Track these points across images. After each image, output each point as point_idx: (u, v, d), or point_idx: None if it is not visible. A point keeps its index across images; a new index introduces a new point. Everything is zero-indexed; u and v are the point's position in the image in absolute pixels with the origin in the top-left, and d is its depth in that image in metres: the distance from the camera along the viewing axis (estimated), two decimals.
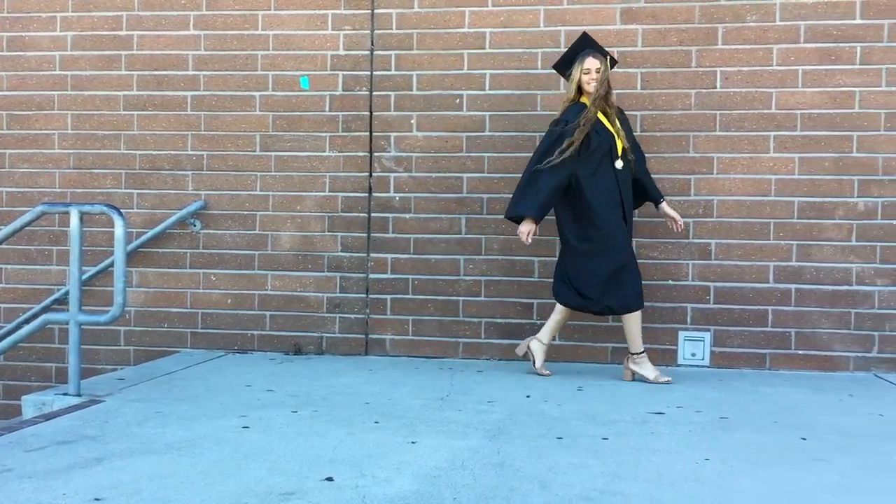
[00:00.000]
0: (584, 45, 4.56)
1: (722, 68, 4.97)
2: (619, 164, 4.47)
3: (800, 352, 4.92)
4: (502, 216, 5.16)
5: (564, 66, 4.62)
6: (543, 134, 4.61)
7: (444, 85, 5.23)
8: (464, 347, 5.23)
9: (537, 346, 4.67)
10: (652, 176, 4.72)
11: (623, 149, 4.48)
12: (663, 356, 5.02)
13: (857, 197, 4.86)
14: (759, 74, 4.94)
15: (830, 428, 3.55)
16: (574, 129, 4.40)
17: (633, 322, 4.48)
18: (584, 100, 4.52)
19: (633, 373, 4.55)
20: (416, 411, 3.77)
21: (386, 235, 5.29)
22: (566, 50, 4.67)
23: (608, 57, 4.57)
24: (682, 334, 5.04)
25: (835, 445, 3.27)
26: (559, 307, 4.62)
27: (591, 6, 5.08)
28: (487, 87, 5.20)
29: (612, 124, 4.49)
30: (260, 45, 5.37)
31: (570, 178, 4.45)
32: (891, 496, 2.64)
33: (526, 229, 4.48)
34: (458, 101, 5.22)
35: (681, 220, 4.61)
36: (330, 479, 2.74)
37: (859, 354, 4.88)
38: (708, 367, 5.00)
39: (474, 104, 5.21)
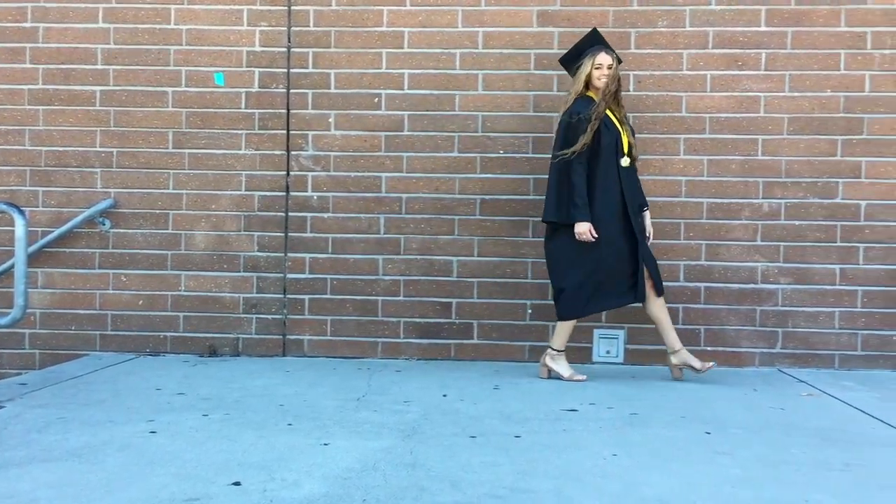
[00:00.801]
0: (595, 41, 4.58)
1: (635, 72, 5.08)
2: (624, 161, 4.50)
3: (708, 348, 5.06)
4: (420, 216, 5.18)
5: (572, 60, 4.62)
6: (558, 125, 4.60)
7: (362, 84, 5.20)
8: (382, 347, 5.21)
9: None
10: None
11: (629, 145, 4.52)
12: (579, 354, 5.10)
13: (762, 198, 5.03)
14: (670, 79, 5.07)
15: (735, 422, 3.66)
16: (585, 125, 4.40)
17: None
18: (590, 94, 4.52)
19: (550, 370, 4.60)
20: (330, 412, 3.73)
21: (304, 235, 5.23)
22: (574, 45, 4.66)
23: (616, 54, 4.59)
24: (597, 332, 5.13)
25: (738, 439, 3.37)
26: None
27: (509, 8, 5.13)
28: (406, 87, 5.19)
29: (621, 122, 4.53)
30: (172, 40, 5.24)
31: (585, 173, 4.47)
32: (788, 488, 2.74)
33: (587, 228, 4.41)
34: (376, 100, 5.20)
35: (650, 237, 4.67)
36: (237, 483, 2.69)
37: (764, 350, 5.06)
38: (622, 364, 5.11)
39: (393, 103, 5.19)
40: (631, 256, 4.47)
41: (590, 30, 4.66)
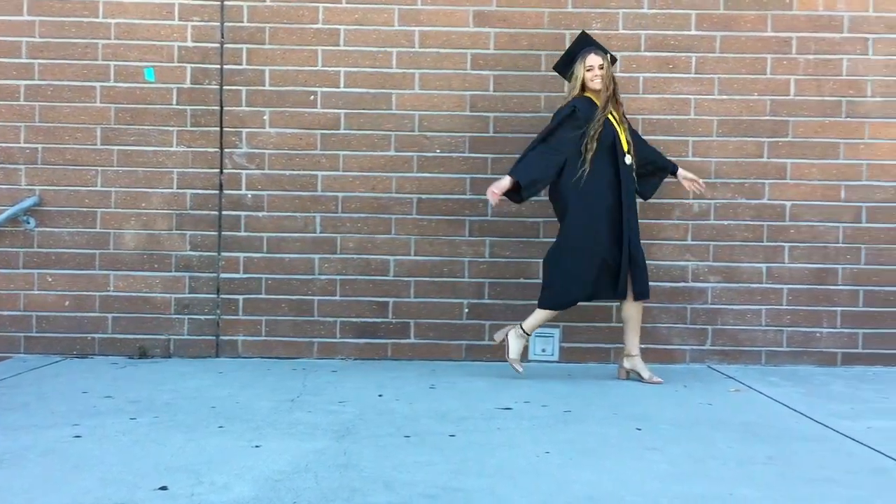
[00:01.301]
0: (584, 44, 4.59)
1: None
2: (627, 159, 4.50)
3: (641, 346, 5.13)
4: (357, 215, 5.15)
5: (565, 66, 4.63)
6: (555, 114, 4.61)
7: (297, 81, 5.14)
8: (318, 347, 5.17)
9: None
10: None
11: (627, 144, 4.51)
12: None
13: (693, 199, 5.13)
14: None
15: (665, 418, 3.73)
16: (584, 123, 4.42)
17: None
18: (588, 94, 4.52)
19: (503, 341, 4.67)
20: (263, 414, 3.69)
21: (238, 234, 5.15)
22: (565, 50, 4.68)
23: (609, 55, 4.60)
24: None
25: (668, 435, 3.44)
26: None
27: (445, 7, 5.13)
28: (342, 85, 5.15)
29: (619, 121, 4.52)
30: (101, 34, 5.10)
31: (563, 163, 4.46)
32: (714, 482, 2.80)
33: (494, 187, 4.48)
34: (312, 97, 5.15)
35: (700, 180, 4.72)
36: (164, 488, 2.63)
37: (694, 347, 5.17)
38: (557, 362, 5.16)
39: (329, 101, 5.15)
40: (618, 256, 4.46)
41: (580, 34, 4.70)
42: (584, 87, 4.52)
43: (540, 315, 4.61)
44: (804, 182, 5.15)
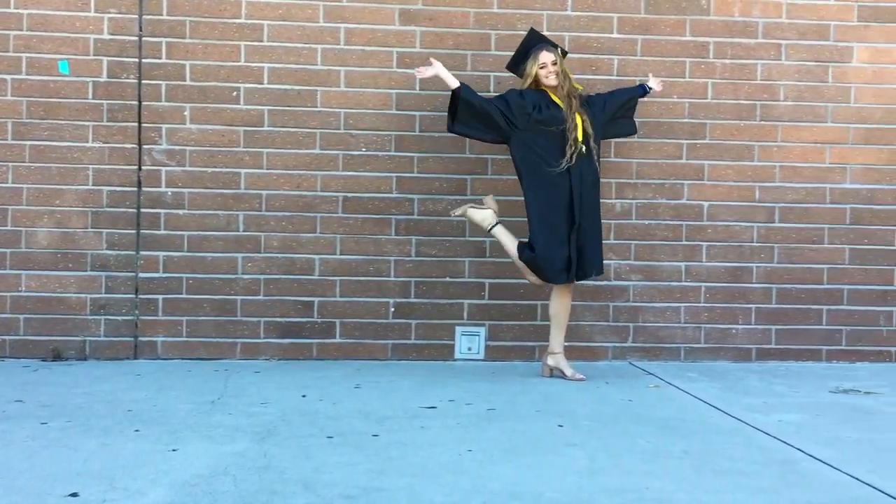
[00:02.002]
0: (534, 40, 4.58)
1: (495, 73, 5.16)
2: (583, 148, 4.48)
3: (565, 343, 5.21)
4: (281, 213, 5.08)
5: (517, 64, 4.63)
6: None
7: (220, 76, 5.05)
8: (242, 348, 5.08)
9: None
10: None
11: (585, 133, 4.49)
12: (441, 351, 5.16)
13: (615, 199, 5.23)
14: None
15: (586, 414, 3.79)
16: (533, 110, 4.44)
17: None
18: (542, 88, 4.53)
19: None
20: (182, 417, 3.60)
21: (157, 232, 5.03)
22: (517, 49, 4.67)
23: (559, 48, 4.59)
24: (458, 329, 5.20)
25: (588, 430, 3.50)
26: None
27: (371, 5, 5.11)
28: (266, 81, 5.08)
29: (577, 111, 4.49)
30: (12, 25, 4.90)
31: (497, 113, 4.45)
32: (630, 476, 2.86)
33: (435, 71, 4.49)
34: (234, 93, 5.06)
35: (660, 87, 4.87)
36: (75, 494, 2.55)
37: (616, 344, 5.27)
38: (483, 360, 5.19)
39: (252, 98, 5.07)
40: (569, 243, 4.48)
41: (528, 31, 4.72)
42: (536, 83, 4.55)
43: (511, 250, 4.63)
44: (721, 183, 5.30)
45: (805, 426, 3.64)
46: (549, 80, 4.51)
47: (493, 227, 4.67)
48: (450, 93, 4.53)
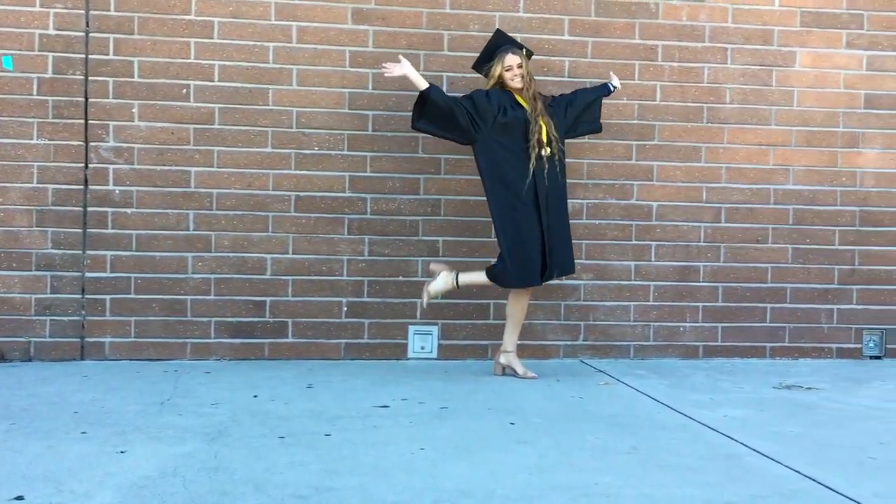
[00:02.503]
0: (500, 41, 4.60)
1: (448, 73, 5.19)
2: (545, 151, 4.49)
3: (518, 342, 5.26)
4: (233, 212, 5.04)
5: (482, 65, 4.64)
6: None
7: (169, 73, 4.98)
8: (192, 348, 5.02)
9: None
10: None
11: (549, 137, 4.51)
12: (394, 350, 5.17)
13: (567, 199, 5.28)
14: (482, 81, 5.19)
15: (537, 412, 3.84)
16: (498, 109, 4.46)
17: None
18: (507, 90, 4.55)
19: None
20: (130, 418, 3.55)
21: (105, 231, 4.94)
22: (483, 49, 4.68)
23: (524, 49, 4.60)
24: (411, 328, 5.21)
25: (538, 428, 3.54)
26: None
27: (323, 4, 5.09)
28: (216, 79, 5.02)
29: (540, 114, 4.50)
30: None
31: (464, 113, 4.44)
32: (579, 472, 2.90)
33: (403, 69, 4.47)
34: (184, 91, 5.00)
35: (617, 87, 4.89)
36: (20, 498, 2.50)
37: (568, 343, 5.34)
38: (436, 359, 5.21)
39: (202, 95, 5.01)
40: (539, 244, 4.50)
41: (495, 31, 4.75)
42: (501, 84, 4.57)
43: (482, 279, 4.67)
44: (669, 183, 5.40)
45: (749, 421, 3.74)
46: (515, 82, 4.53)
47: (457, 277, 4.69)
48: (416, 93, 4.50)
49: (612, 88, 4.89)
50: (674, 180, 5.40)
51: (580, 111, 4.79)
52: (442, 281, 4.70)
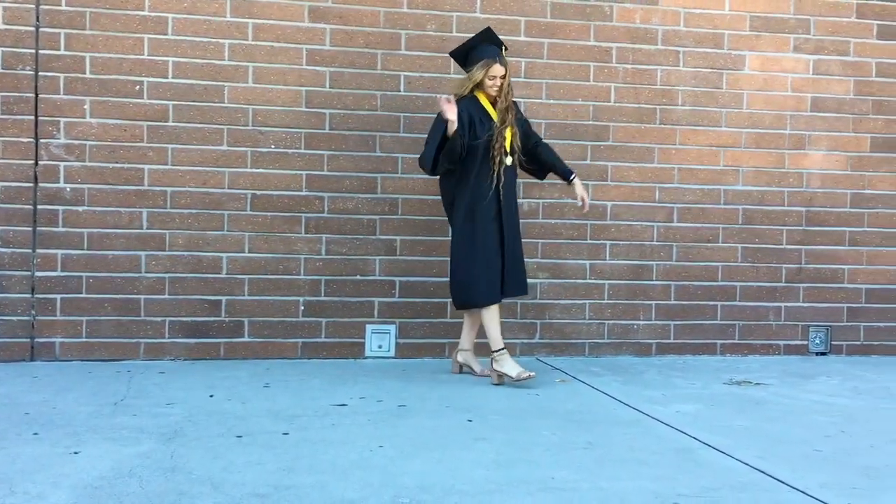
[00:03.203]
0: (489, 42, 4.56)
1: (405, 73, 5.20)
2: (508, 160, 4.50)
3: (475, 340, 5.29)
4: (187, 210, 4.98)
5: (463, 56, 4.61)
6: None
7: (122, 70, 4.91)
8: (145, 348, 4.96)
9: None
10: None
11: (513, 147, 4.52)
12: (351, 349, 5.16)
13: (522, 198, 5.30)
14: (439, 81, 5.24)
15: (494, 409, 3.88)
16: (476, 137, 4.45)
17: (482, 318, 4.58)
18: (479, 94, 4.54)
19: (500, 374, 4.52)
20: (83, 419, 3.50)
21: (55, 230, 4.85)
22: (467, 41, 4.64)
23: (503, 48, 4.59)
24: (369, 327, 5.21)
25: (496, 425, 3.57)
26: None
27: (280, 1, 5.06)
28: (171, 75, 4.96)
29: (503, 120, 4.50)
30: None
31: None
32: (536, 468, 2.95)
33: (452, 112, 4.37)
34: (138, 87, 4.93)
35: (587, 201, 4.75)
36: None
37: (524, 341, 5.39)
38: (393, 358, 5.22)
39: (156, 92, 4.95)
40: (499, 255, 4.49)
41: (484, 28, 4.70)
42: (477, 86, 4.54)
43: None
44: (623, 184, 5.49)
45: (701, 416, 3.82)
46: (492, 91, 4.53)
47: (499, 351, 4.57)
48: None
49: (573, 179, 4.78)
50: (628, 181, 5.49)
51: (530, 152, 4.71)
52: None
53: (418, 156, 4.69)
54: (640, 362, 5.32)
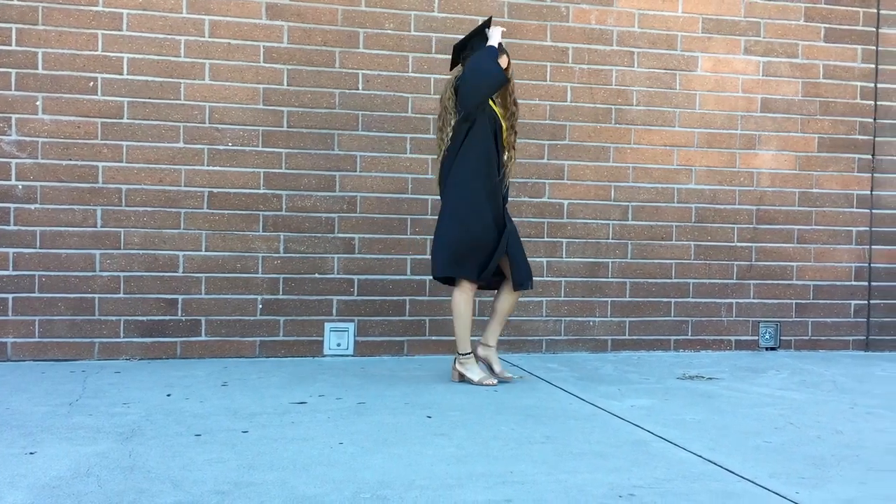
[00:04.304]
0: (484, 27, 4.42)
1: (363, 71, 5.22)
2: (505, 155, 4.40)
3: (433, 338, 5.34)
4: (143, 208, 4.93)
5: (462, 49, 4.44)
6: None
7: (75, 66, 4.84)
8: (100, 348, 4.90)
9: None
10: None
11: (506, 141, 4.40)
12: (310, 347, 5.16)
13: None
14: (397, 80, 5.27)
15: (453, 405, 3.91)
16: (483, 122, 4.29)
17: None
18: None
19: (461, 374, 4.46)
20: (38, 419, 3.45)
21: (7, 228, 4.77)
22: (470, 32, 4.50)
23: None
24: (327, 325, 5.21)
25: (455, 421, 3.61)
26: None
27: None
28: (126, 72, 4.91)
29: (503, 116, 4.41)
30: None
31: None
32: (495, 462, 2.99)
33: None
34: (91, 84, 4.86)
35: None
36: None
37: (482, 338, 5.42)
38: (352, 356, 5.23)
39: (111, 89, 4.89)
40: (494, 244, 4.33)
41: (487, 18, 4.62)
42: None
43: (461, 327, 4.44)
44: (579, 182, 5.57)
45: (655, 410, 3.91)
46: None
47: (475, 350, 4.52)
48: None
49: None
50: (584, 179, 5.57)
51: None
52: (470, 370, 4.45)
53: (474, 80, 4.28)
54: (596, 358, 5.41)
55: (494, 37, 4.35)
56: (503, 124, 4.43)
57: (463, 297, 4.41)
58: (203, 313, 5.02)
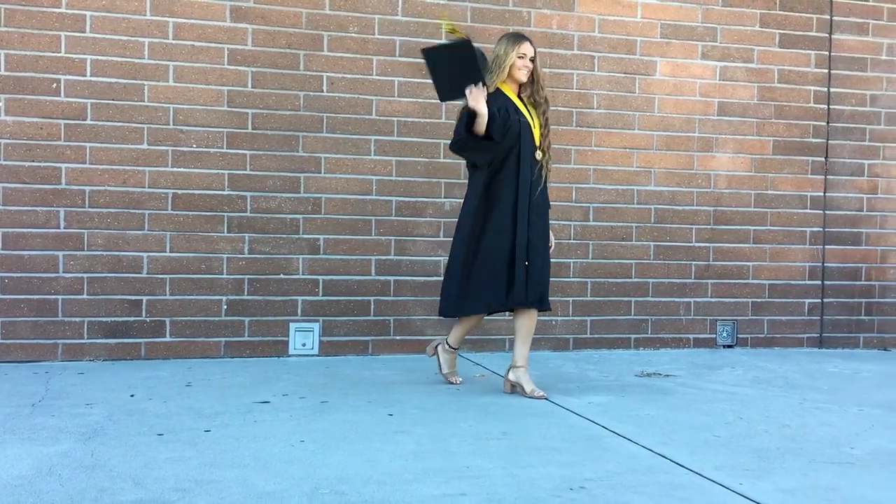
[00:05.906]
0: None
1: (328, 73, 5.27)
2: (538, 154, 4.12)
3: (398, 337, 5.41)
4: (107, 210, 4.94)
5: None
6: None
7: (38, 67, 4.84)
8: (64, 349, 4.90)
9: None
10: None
11: (541, 141, 4.12)
12: (275, 347, 5.20)
13: (444, 198, 5.48)
14: (361, 82, 5.33)
15: (415, 403, 3.98)
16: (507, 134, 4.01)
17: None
18: (503, 86, 4.11)
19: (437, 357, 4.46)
20: (0, 420, 3.47)
21: None
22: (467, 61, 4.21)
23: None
24: (292, 326, 5.26)
25: (416, 418, 3.68)
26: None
27: (201, 0, 5.06)
28: (89, 73, 4.92)
29: (536, 117, 4.15)
30: None
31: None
32: (453, 458, 3.06)
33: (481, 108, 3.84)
34: (54, 85, 4.87)
35: (552, 245, 4.36)
36: None
37: (445, 337, 5.50)
38: (317, 355, 5.28)
39: (74, 90, 4.90)
40: (511, 254, 4.08)
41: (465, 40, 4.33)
42: (508, 73, 4.08)
43: (461, 325, 4.36)
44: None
45: (611, 406, 4.01)
46: (521, 74, 4.09)
47: (446, 342, 4.47)
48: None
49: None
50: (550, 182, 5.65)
51: None
52: (443, 358, 4.46)
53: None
54: (557, 357, 5.51)
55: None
56: (531, 122, 4.11)
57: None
58: (168, 314, 5.05)
